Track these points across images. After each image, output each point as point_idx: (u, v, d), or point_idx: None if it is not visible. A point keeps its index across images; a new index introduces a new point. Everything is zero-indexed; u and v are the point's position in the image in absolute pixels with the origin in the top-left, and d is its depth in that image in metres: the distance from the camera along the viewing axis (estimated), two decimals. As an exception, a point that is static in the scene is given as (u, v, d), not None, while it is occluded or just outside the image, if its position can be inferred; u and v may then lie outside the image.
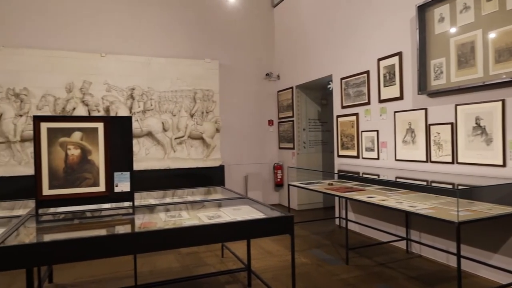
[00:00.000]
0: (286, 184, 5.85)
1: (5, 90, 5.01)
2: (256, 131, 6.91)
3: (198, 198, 3.41)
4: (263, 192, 6.84)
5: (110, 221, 2.47)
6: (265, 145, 7.00)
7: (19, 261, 1.78)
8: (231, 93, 6.62)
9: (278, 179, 6.83)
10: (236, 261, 3.65)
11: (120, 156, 2.55)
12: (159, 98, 5.84)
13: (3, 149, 5.01)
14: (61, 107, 5.24)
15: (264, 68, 6.96)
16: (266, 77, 6.97)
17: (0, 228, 2.15)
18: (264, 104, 6.99)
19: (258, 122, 6.95)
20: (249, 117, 6.84)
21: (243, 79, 6.77)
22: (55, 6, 5.50)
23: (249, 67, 6.83)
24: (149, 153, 5.78)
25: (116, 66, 5.61)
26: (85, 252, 1.88)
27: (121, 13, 5.88)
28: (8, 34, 5.23)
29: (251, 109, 6.87)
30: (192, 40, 6.35)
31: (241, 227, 2.23)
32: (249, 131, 6.84)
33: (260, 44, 6.95)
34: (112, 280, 3.30)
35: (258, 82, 6.94)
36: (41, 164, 2.33)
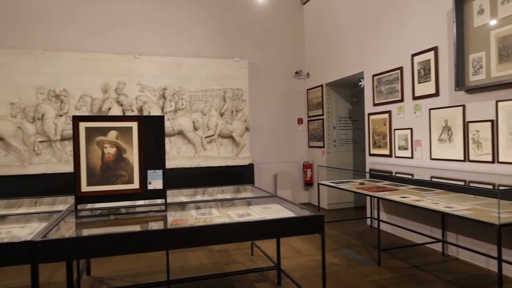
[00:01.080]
0: (316, 183, 5.79)
1: (46, 91, 5.29)
2: (285, 129, 6.89)
3: (228, 196, 3.44)
4: (292, 191, 6.81)
5: (143, 218, 2.54)
6: (295, 144, 6.97)
7: (60, 254, 1.88)
8: (260, 92, 6.64)
9: (307, 178, 6.77)
10: (265, 260, 3.65)
11: (153, 155, 2.62)
12: (190, 98, 5.95)
13: (45, 147, 5.29)
14: (98, 107, 5.46)
15: (293, 66, 6.92)
16: (296, 75, 6.93)
17: (42, 223, 2.27)
18: (293, 102, 6.96)
19: (288, 121, 6.92)
20: (278, 116, 6.82)
21: (272, 77, 6.77)
22: (92, 11, 5.73)
23: (278, 66, 6.82)
24: (180, 151, 5.90)
25: (148, 67, 5.78)
26: (121, 247, 1.94)
27: (153, 15, 6.04)
28: (49, 39, 5.51)
29: (281, 108, 6.85)
30: (222, 39, 6.42)
31: (271, 226, 2.23)
32: (279, 130, 6.83)
33: (289, 42, 6.91)
34: (146, 275, 3.41)
35: (287, 81, 6.91)
36: (80, 162, 2.44)
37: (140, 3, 5.98)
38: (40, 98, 5.26)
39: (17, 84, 5.19)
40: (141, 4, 5.98)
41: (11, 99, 5.15)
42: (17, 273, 3.44)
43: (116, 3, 5.86)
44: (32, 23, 5.46)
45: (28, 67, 5.24)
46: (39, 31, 5.48)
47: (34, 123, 5.22)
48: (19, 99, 5.19)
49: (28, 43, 5.39)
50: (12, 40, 5.35)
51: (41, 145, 5.27)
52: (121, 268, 3.59)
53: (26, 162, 5.14)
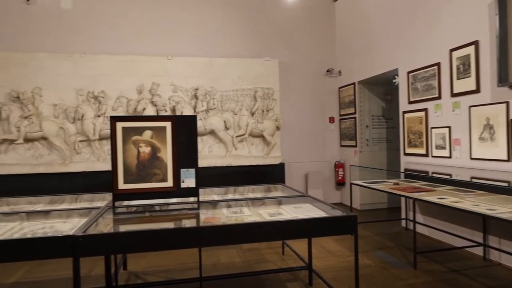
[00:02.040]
0: (348, 183, 5.69)
1: (85, 93, 5.54)
2: (316, 128, 6.82)
3: (259, 195, 3.45)
4: (324, 190, 6.73)
5: (177, 215, 2.61)
6: (326, 143, 6.87)
7: (99, 249, 1.97)
8: (291, 91, 6.60)
9: (339, 177, 6.66)
10: (296, 259, 3.63)
11: (186, 154, 2.68)
12: (221, 97, 6.02)
13: (84, 146, 5.54)
14: (133, 108, 5.65)
15: (324, 65, 6.83)
16: (327, 74, 6.83)
17: (82, 218, 2.38)
18: (324, 101, 6.87)
19: (319, 120, 6.84)
20: (309, 115, 6.76)
21: (303, 76, 6.71)
22: (127, 15, 5.94)
23: (309, 64, 6.75)
24: (212, 150, 5.99)
25: (181, 68, 5.90)
26: (155, 243, 2.00)
27: (186, 17, 6.16)
28: (88, 42, 5.76)
29: (312, 106, 6.78)
30: (253, 39, 6.45)
31: (303, 226, 2.21)
32: (310, 129, 6.76)
33: (320, 40, 6.83)
34: (179, 271, 3.49)
35: (318, 79, 6.83)
36: (117, 161, 2.54)
37: (172, 7, 6.12)
38: (80, 100, 5.52)
39: (59, 87, 5.47)
40: (173, 7, 6.12)
41: (53, 100, 5.44)
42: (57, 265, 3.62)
43: (150, 8, 6.03)
44: (72, 28, 5.74)
45: (68, 70, 5.52)
46: (78, 36, 5.75)
47: (75, 123, 5.49)
48: (61, 100, 5.47)
49: (68, 47, 5.66)
50: (54, 44, 5.64)
51: (81, 144, 5.52)
52: (155, 263, 3.69)
53: (67, 161, 5.41)
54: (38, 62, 5.43)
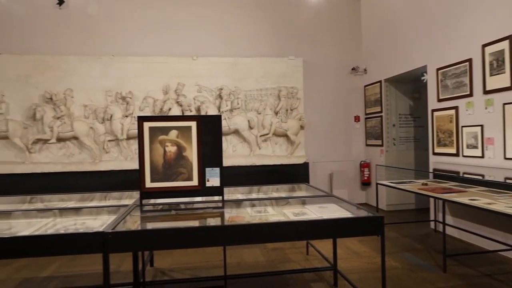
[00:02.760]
0: (374, 183, 5.58)
1: (114, 94, 5.70)
2: (341, 127, 6.72)
3: (283, 194, 3.44)
4: (349, 190, 6.63)
5: (202, 214, 2.64)
6: (351, 142, 6.77)
7: (127, 245, 2.02)
8: (315, 90, 6.54)
9: (365, 177, 6.55)
10: (321, 260, 3.60)
11: (211, 153, 2.70)
12: (245, 97, 6.05)
13: (113, 146, 5.71)
14: (159, 108, 5.76)
15: (349, 63, 6.73)
16: (352, 72, 6.72)
17: (111, 215, 2.45)
18: (350, 99, 6.76)
19: (344, 118, 6.74)
20: (334, 114, 6.68)
21: (328, 74, 6.64)
22: (154, 18, 6.06)
23: (334, 62, 6.66)
24: (236, 150, 6.02)
25: (206, 68, 5.97)
26: (182, 241, 2.04)
27: (210, 18, 6.23)
28: (116, 45, 5.93)
29: (336, 105, 6.69)
30: (276, 38, 6.43)
31: (328, 226, 2.19)
32: (334, 128, 6.68)
33: (345, 38, 6.72)
34: (204, 269, 3.53)
35: (343, 77, 6.73)
36: (144, 160, 2.60)
37: (197, 8, 6.19)
38: (109, 100, 5.69)
39: (89, 88, 5.66)
40: (198, 8, 6.20)
41: (84, 101, 5.63)
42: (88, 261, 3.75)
43: (175, 10, 6.13)
44: (101, 31, 5.92)
45: (98, 72, 5.70)
46: (107, 38, 5.93)
47: (104, 124, 5.66)
48: (90, 101, 5.66)
49: (98, 50, 5.85)
50: (84, 47, 5.84)
51: (110, 144, 5.69)
52: (181, 261, 3.76)
53: (97, 159, 5.59)
54: (70, 64, 5.64)
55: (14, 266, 3.71)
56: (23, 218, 2.66)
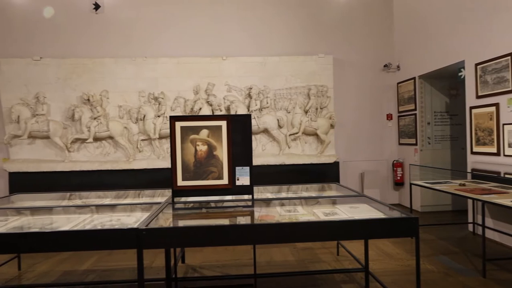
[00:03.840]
0: (408, 183, 5.41)
1: (146, 94, 5.87)
2: (373, 126, 6.57)
3: (313, 194, 3.40)
4: (381, 190, 6.47)
5: (232, 212, 2.66)
6: (383, 141, 6.60)
7: (160, 242, 2.08)
8: (346, 88, 6.43)
9: (398, 177, 6.36)
10: (352, 261, 3.54)
11: (241, 152, 2.72)
12: (275, 96, 6.04)
13: (146, 145, 5.88)
14: (190, 108, 5.87)
15: (381, 60, 6.55)
16: (384, 69, 6.54)
17: (144, 212, 2.53)
18: (382, 97, 6.59)
19: (375, 117, 6.58)
20: (365, 112, 6.53)
21: (358, 72, 6.50)
22: (184, 19, 6.18)
23: (365, 60, 6.52)
24: (265, 149, 6.03)
25: (235, 68, 6.02)
26: (212, 238, 2.07)
27: (239, 18, 6.27)
28: (149, 46, 6.10)
29: (368, 103, 6.54)
30: (305, 36, 6.37)
31: (359, 226, 2.15)
32: (366, 127, 6.53)
33: (376, 34, 6.55)
34: (234, 267, 3.57)
35: (375, 75, 6.57)
36: (176, 159, 2.66)
37: (226, 9, 6.25)
38: (142, 101, 5.86)
39: (123, 89, 5.87)
40: (227, 9, 6.25)
41: (118, 102, 5.84)
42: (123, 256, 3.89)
43: (205, 11, 6.22)
44: (135, 34, 6.11)
45: (132, 73, 5.89)
46: (140, 41, 6.10)
47: (137, 123, 5.84)
48: (125, 102, 5.85)
49: (131, 52, 6.04)
50: (119, 50, 6.05)
51: (143, 143, 5.87)
52: (211, 258, 3.81)
53: (131, 158, 5.78)
54: (105, 67, 5.86)
55: (56, 259, 3.91)
56: (63, 214, 2.79)
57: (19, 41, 5.95)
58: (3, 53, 5.86)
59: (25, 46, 5.94)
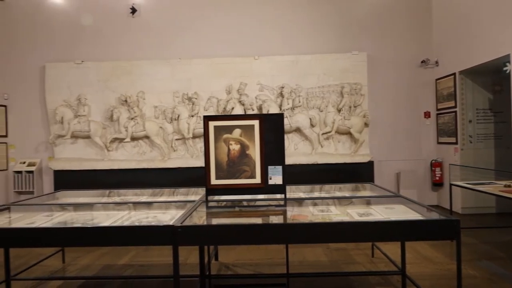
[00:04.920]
0: (447, 184, 5.18)
1: (181, 95, 6.02)
2: (409, 124, 6.34)
3: (347, 194, 3.34)
4: (418, 191, 6.23)
5: (265, 211, 2.67)
6: (421, 140, 6.35)
7: (195, 239, 2.13)
8: (381, 85, 6.25)
9: (436, 177, 6.10)
10: (388, 263, 3.44)
11: (273, 151, 2.72)
12: (307, 95, 5.99)
13: (180, 144, 6.03)
14: (222, 107, 5.95)
15: (418, 55, 6.31)
16: (422, 65, 6.30)
17: (179, 210, 2.59)
18: (419, 94, 6.34)
19: (412, 115, 6.35)
20: (401, 110, 6.32)
21: (394, 69, 6.30)
22: (216, 20, 6.27)
23: (401, 56, 6.30)
24: (298, 148, 5.99)
25: (267, 67, 6.03)
26: (245, 237, 2.08)
27: (270, 17, 6.26)
28: (183, 48, 6.24)
29: (404, 101, 6.32)
30: (338, 34, 6.26)
31: (396, 228, 2.08)
32: (402, 125, 6.32)
33: (413, 29, 6.32)
34: (266, 265, 3.57)
35: (411, 71, 6.33)
36: (209, 158, 2.70)
37: (258, 8, 6.27)
38: (176, 101, 6.01)
39: (158, 90, 6.04)
40: (259, 9, 6.27)
41: (154, 103, 6.03)
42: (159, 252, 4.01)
43: (237, 12, 6.27)
44: (169, 36, 6.27)
45: (166, 74, 6.06)
46: (175, 43, 6.26)
47: (172, 123, 6.00)
48: (160, 102, 6.03)
49: (166, 54, 6.20)
50: (154, 52, 6.23)
51: (177, 142, 6.02)
52: (244, 257, 3.84)
53: (166, 157, 5.94)
54: (141, 69, 6.07)
55: (96, 253, 4.10)
56: (103, 210, 2.92)
57: (63, 46, 6.28)
58: (48, 58, 6.21)
59: (68, 50, 6.26)
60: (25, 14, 6.33)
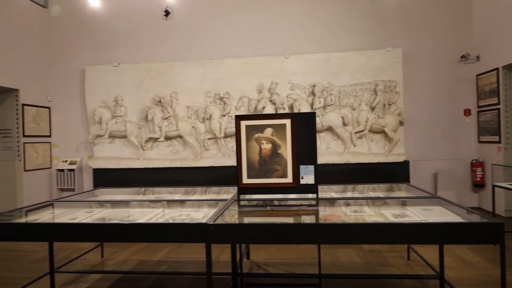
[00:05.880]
0: (490, 185, 4.92)
1: (212, 95, 6.10)
2: (447, 122, 6.07)
3: (381, 194, 3.26)
4: (457, 192, 5.97)
5: (297, 211, 2.65)
6: (460, 139, 6.06)
7: (227, 237, 2.15)
8: (417, 82, 6.03)
9: (477, 178, 5.81)
10: (424, 266, 3.32)
11: (305, 150, 2.70)
12: (339, 93, 5.89)
13: (212, 143, 6.11)
14: (253, 107, 5.97)
15: (458, 50, 6.02)
16: (461, 60, 6.01)
17: (211, 209, 2.62)
18: (458, 91, 6.06)
19: (451, 112, 6.07)
20: (439, 107, 6.06)
21: (431, 64, 6.05)
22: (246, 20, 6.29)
23: (439, 51, 6.04)
24: (329, 147, 5.91)
25: (298, 66, 5.99)
26: (277, 236, 2.08)
27: (301, 15, 6.21)
28: (214, 49, 6.32)
29: (442, 98, 6.06)
30: (370, 30, 6.10)
31: (434, 230, 2.00)
32: (439, 123, 6.06)
33: (452, 23, 6.04)
34: (298, 265, 3.55)
35: (450, 67, 6.06)
36: (241, 157, 2.73)
37: (288, 7, 6.23)
38: (208, 101, 6.11)
39: (191, 90, 6.16)
40: (289, 7, 6.23)
41: (186, 103, 6.15)
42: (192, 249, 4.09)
43: (267, 11, 6.26)
44: (201, 37, 6.37)
45: (199, 75, 6.17)
46: (207, 43, 6.35)
47: (204, 123, 6.10)
48: (192, 102, 6.15)
49: (198, 55, 6.31)
50: (187, 53, 6.36)
51: (209, 142, 6.11)
52: (275, 256, 3.84)
53: (198, 156, 6.05)
54: (175, 69, 6.21)
55: (133, 248, 4.25)
56: (139, 207, 3.01)
57: (101, 50, 6.55)
58: (88, 62, 6.50)
59: (106, 54, 6.52)
60: (67, 20, 6.66)
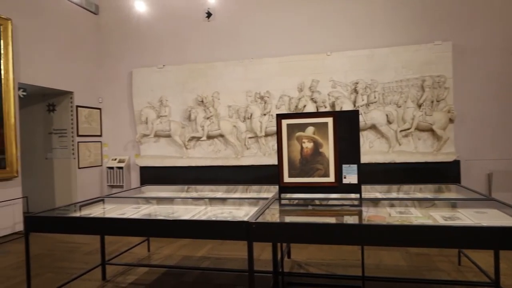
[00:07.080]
0: (552, 187, 4.53)
1: (253, 94, 6.14)
2: (503, 119, 5.64)
3: (429, 195, 3.11)
4: (515, 194, 5.54)
5: (339, 211, 2.61)
6: (518, 137, 5.63)
7: (268, 236, 2.16)
8: (468, 77, 5.67)
9: (538, 179, 5.36)
10: (477, 273, 3.13)
11: (348, 149, 2.65)
12: (383, 90, 5.69)
13: (252, 142, 6.16)
14: (294, 105, 5.94)
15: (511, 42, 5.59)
16: (519, 52, 5.57)
17: (252, 207, 2.65)
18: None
19: (507, 109, 5.64)
20: (493, 103, 5.65)
21: (484, 58, 5.66)
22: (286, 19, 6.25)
23: (493, 43, 5.63)
24: (373, 146, 5.73)
25: (340, 63, 5.86)
26: (319, 236, 2.05)
27: (341, 11, 6.05)
28: (254, 48, 6.34)
29: (497, 94, 5.65)
30: (417, 23, 5.81)
31: (489, 234, 1.87)
32: (494, 120, 5.65)
33: (504, 13, 5.58)
34: (340, 266, 3.49)
35: (505, 60, 5.62)
36: (282, 156, 2.72)
37: (329, 3, 6.10)
38: (249, 100, 6.16)
39: (232, 90, 6.24)
40: (330, 3, 6.10)
41: (228, 102, 6.24)
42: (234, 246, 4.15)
43: (307, 8, 6.18)
44: (242, 37, 6.43)
45: (239, 74, 6.23)
46: (247, 43, 6.39)
47: (245, 122, 6.16)
48: (234, 102, 6.23)
49: (239, 55, 6.37)
50: (228, 53, 6.45)
51: (250, 141, 6.16)
52: (316, 256, 3.80)
53: (239, 155, 6.13)
54: (216, 70, 6.33)
55: (177, 244, 4.40)
56: (182, 204, 3.11)
57: (147, 53, 6.82)
58: (135, 64, 6.80)
59: (152, 56, 6.78)
60: (116, 26, 7.01)
